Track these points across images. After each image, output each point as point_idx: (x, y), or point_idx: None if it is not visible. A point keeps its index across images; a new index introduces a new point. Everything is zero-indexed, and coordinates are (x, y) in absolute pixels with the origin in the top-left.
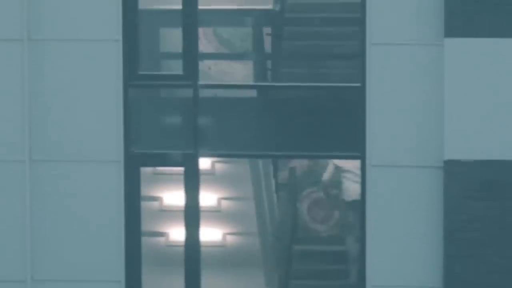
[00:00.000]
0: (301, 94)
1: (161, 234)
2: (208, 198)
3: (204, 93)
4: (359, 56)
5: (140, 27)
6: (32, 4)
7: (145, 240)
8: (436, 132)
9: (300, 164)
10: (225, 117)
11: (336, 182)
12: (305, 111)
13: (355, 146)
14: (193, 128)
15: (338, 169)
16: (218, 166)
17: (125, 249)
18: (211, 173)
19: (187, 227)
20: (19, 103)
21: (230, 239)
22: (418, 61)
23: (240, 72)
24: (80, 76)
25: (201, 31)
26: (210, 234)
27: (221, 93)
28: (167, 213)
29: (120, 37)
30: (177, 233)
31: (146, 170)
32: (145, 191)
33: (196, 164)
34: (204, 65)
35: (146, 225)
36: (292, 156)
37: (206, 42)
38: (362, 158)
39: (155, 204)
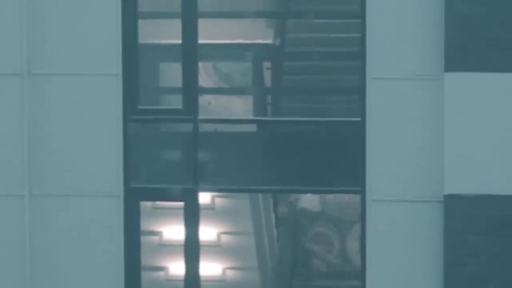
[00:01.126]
0: (301, 129)
1: (161, 269)
2: (208, 232)
3: (204, 127)
4: (359, 91)
5: (140, 62)
6: (32, 38)
7: (144, 274)
8: (436, 166)
9: (300, 199)
10: (225, 152)
11: None
12: (305, 146)
13: (355, 180)
14: (193, 162)
15: None
16: (218, 200)
17: (125, 283)
18: (211, 207)
19: (187, 262)
20: (18, 137)
21: (230, 273)
22: (418, 95)
23: (240, 107)
24: (80, 110)
25: (201, 65)
26: (210, 268)
27: (221, 127)
28: (167, 248)
29: (120, 71)
30: (177, 268)
31: (146, 205)
32: (144, 225)
33: (196, 198)
34: (204, 100)
35: (145, 260)
36: (292, 191)
37: (206, 76)
38: (362, 193)
39: (155, 238)
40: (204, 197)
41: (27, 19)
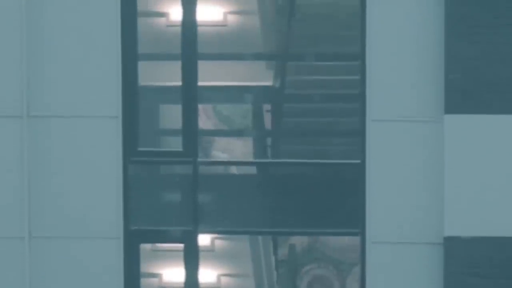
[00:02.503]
0: (301, 171)
1: None
2: (207, 274)
3: (204, 169)
4: (359, 133)
5: (140, 103)
6: (32, 80)
7: None
8: (436, 208)
9: (300, 241)
10: (224, 194)
11: None
12: (305, 188)
13: (355, 222)
14: (192, 204)
15: None
16: (218, 242)
17: None
18: (210, 249)
19: None
20: (18, 179)
21: None
22: (418, 137)
23: (239, 149)
24: (79, 152)
25: (200, 107)
26: None
27: (220, 169)
28: None
29: (119, 113)
30: None
31: (145, 247)
32: (144, 267)
33: (195, 240)
34: (204, 142)
35: None
36: (292, 233)
37: (205, 118)
38: (362, 235)
39: (155, 281)
40: (204, 239)
41: (27, 61)
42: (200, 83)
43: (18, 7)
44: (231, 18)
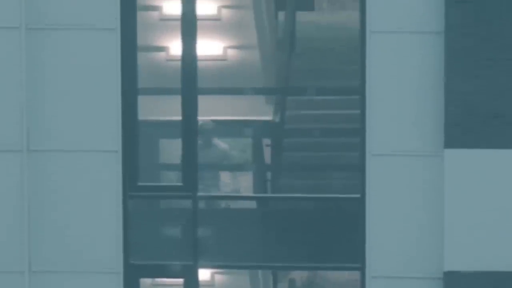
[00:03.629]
0: (301, 206)
1: None
2: None
3: (204, 204)
4: (359, 167)
5: (140, 138)
6: (32, 114)
7: None
8: (436, 243)
9: (299, 275)
10: (224, 228)
11: None
12: (305, 222)
13: (355, 257)
14: (192, 239)
15: None
16: (218, 277)
17: None
18: (210, 284)
19: None
20: (18, 213)
21: None
22: (418, 172)
23: (239, 183)
24: (79, 186)
25: (200, 142)
26: None
27: (220, 204)
28: None
29: (119, 148)
30: None
31: (145, 281)
32: None
33: (195, 275)
34: (203, 176)
35: None
36: (292, 267)
37: (205, 153)
38: (362, 269)
39: None
40: (204, 274)
41: (28, 95)
42: (200, 118)
43: (18, 42)
44: (231, 53)
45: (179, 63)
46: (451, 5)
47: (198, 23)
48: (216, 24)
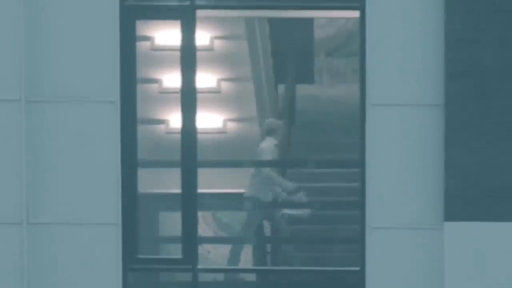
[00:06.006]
0: (301, 278)
1: None
2: None
3: (204, 277)
4: (359, 240)
5: (140, 211)
6: (31, 188)
7: None
8: None
9: None
10: None
11: None
12: None
13: None
14: None
15: None
16: None
17: None
18: None
19: None
20: (18, 278)
21: None
22: (418, 245)
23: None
24: (79, 259)
25: (200, 215)
26: None
27: (220, 277)
28: None
29: (119, 221)
30: None
31: None
32: None
33: None
34: (203, 249)
35: None
36: None
37: (205, 226)
38: None
39: None
40: None
41: (26, 169)
42: (199, 190)
43: (18, 115)
44: (231, 125)
45: (179, 135)
46: (451, 78)
47: (198, 95)
48: (216, 97)
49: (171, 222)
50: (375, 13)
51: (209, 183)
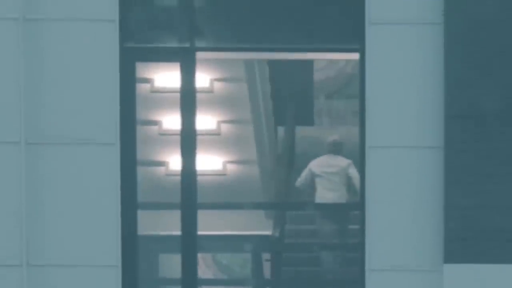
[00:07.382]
0: None
1: None
2: None
3: None
4: (359, 282)
5: (139, 253)
6: (29, 230)
7: None
8: None
9: None
10: None
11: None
12: None
13: None
14: None
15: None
16: None
17: None
18: None
19: None
20: None
21: None
22: (417, 286)
23: None
24: None
25: (200, 257)
26: None
27: None
28: None
29: (119, 263)
30: None
31: None
32: None
33: None
34: None
35: None
36: None
37: (205, 267)
38: None
39: None
40: None
41: (26, 208)
42: (199, 232)
43: (18, 153)
44: (231, 167)
45: (179, 177)
46: (450, 120)
47: (198, 137)
48: (216, 139)
49: (171, 264)
50: (375, 55)
51: (209, 225)
